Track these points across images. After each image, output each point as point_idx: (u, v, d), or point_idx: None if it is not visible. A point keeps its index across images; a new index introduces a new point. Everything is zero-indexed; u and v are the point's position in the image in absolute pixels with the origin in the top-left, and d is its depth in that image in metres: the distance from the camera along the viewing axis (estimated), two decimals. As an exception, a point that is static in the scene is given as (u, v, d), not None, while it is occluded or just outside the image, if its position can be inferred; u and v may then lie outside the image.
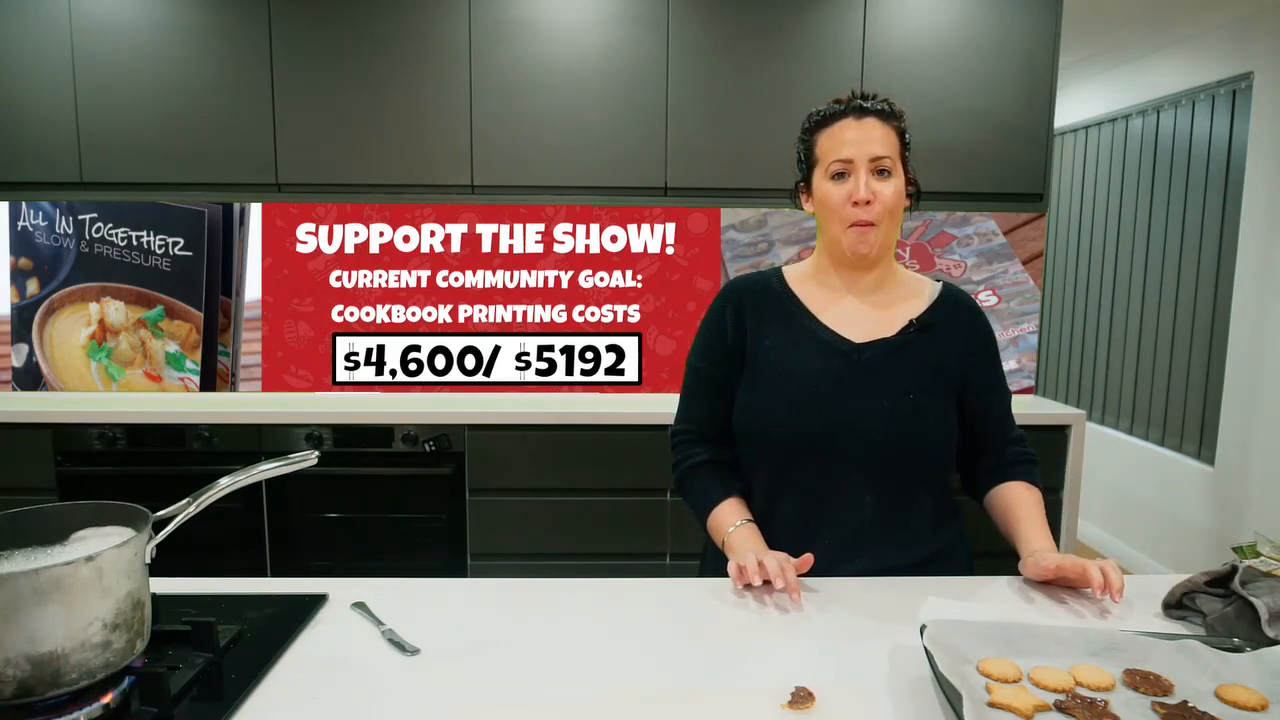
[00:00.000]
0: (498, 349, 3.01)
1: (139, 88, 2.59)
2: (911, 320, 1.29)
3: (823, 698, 0.85)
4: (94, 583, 0.78)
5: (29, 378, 2.95)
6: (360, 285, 2.95)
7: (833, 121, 1.27)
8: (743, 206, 2.92)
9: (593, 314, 3.00)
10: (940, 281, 1.36)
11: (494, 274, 2.98)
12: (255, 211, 2.91)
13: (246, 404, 2.73)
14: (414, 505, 2.59)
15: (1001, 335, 2.99)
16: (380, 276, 2.95)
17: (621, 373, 3.03)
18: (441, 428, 2.56)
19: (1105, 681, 0.85)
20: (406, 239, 2.95)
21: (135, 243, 2.90)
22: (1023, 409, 2.69)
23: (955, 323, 1.32)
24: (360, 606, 1.07)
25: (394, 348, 2.99)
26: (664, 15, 2.60)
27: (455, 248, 2.96)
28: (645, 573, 1.45)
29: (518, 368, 3.02)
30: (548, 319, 3.00)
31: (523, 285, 2.99)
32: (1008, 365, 3.00)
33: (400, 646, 0.97)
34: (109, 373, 2.96)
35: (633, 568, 2.56)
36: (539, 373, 3.02)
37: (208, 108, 2.60)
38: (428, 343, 2.99)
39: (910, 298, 1.33)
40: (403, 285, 2.96)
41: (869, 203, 1.22)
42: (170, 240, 2.91)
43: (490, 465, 2.57)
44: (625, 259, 2.98)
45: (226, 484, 0.99)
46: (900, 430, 1.24)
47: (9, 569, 0.85)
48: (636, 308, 3.00)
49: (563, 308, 3.00)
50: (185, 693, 0.86)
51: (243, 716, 0.83)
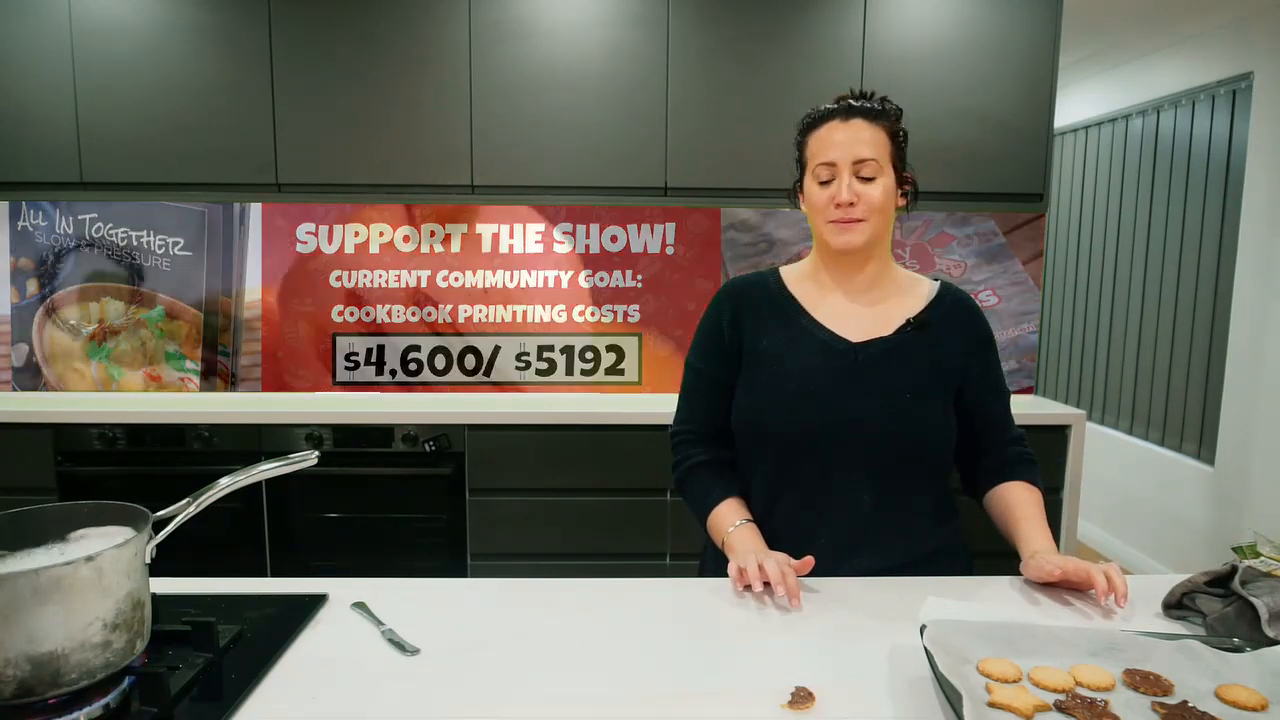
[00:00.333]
0: (498, 349, 3.01)
1: (139, 88, 2.59)
2: (909, 319, 1.29)
3: (823, 698, 0.85)
4: (94, 583, 0.78)
5: (29, 377, 2.95)
6: (360, 285, 2.95)
7: (821, 123, 1.27)
8: (743, 206, 2.92)
9: (592, 314, 3.00)
10: (938, 280, 1.36)
11: (494, 274, 2.98)
12: (255, 211, 2.91)
13: (246, 404, 2.73)
14: (414, 505, 2.59)
15: (1001, 335, 2.99)
16: (380, 276, 2.95)
17: (621, 373, 3.03)
18: (441, 428, 2.56)
19: (1105, 681, 0.85)
20: (407, 239, 2.95)
21: (135, 242, 2.90)
22: (1023, 409, 2.69)
23: (953, 321, 1.31)
24: (360, 606, 1.07)
25: (394, 348, 2.99)
26: (664, 15, 2.60)
27: (455, 248, 2.96)
28: (645, 573, 1.45)
29: (518, 367, 3.02)
30: (548, 319, 3.01)
31: (523, 285, 2.99)
32: (1007, 365, 3.00)
33: (400, 646, 0.97)
34: (109, 372, 2.96)
35: (633, 568, 2.56)
36: (539, 373, 3.02)
37: (208, 108, 2.60)
38: (428, 343, 2.99)
39: (907, 296, 1.33)
40: (403, 285, 2.96)
41: (852, 205, 1.23)
42: (170, 240, 2.91)
43: (490, 465, 2.57)
44: (625, 259, 2.98)
45: (226, 484, 0.99)
46: (898, 430, 1.24)
47: (9, 569, 0.85)
48: (636, 308, 3.00)
49: (563, 308, 3.00)
50: (185, 693, 0.86)
51: (243, 716, 0.83)
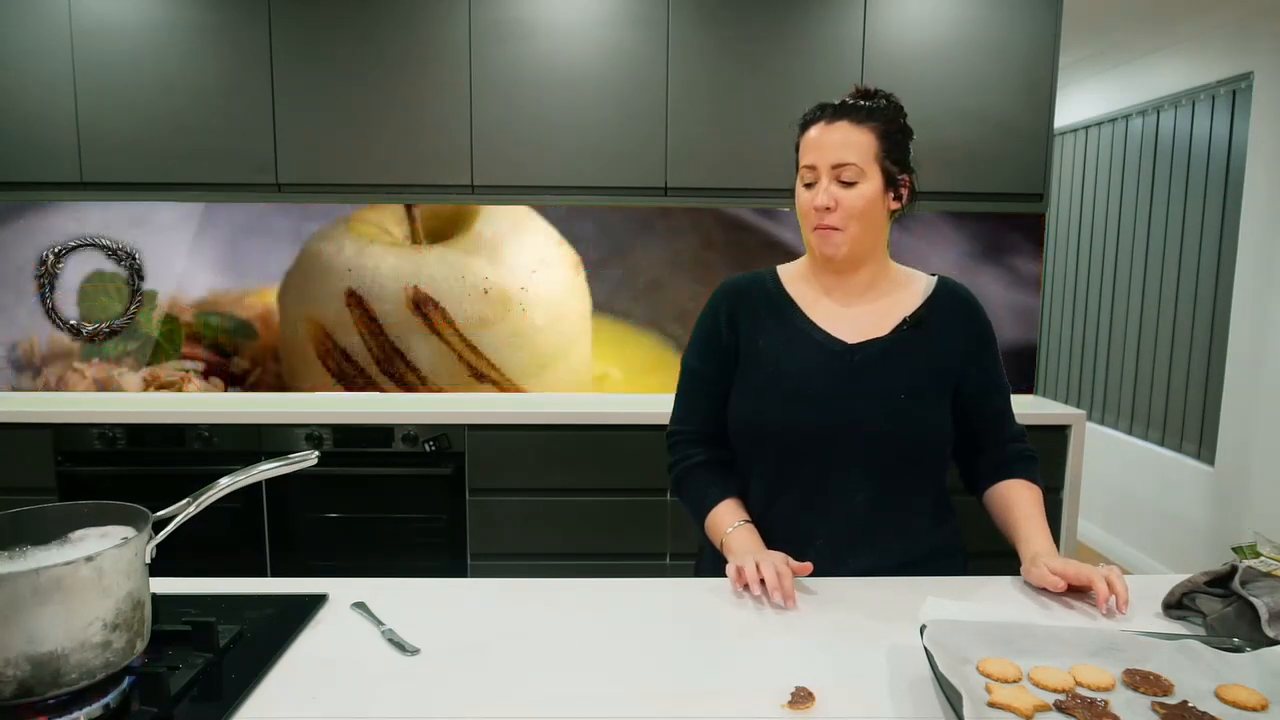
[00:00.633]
0: (497, 349, 3.00)
1: (139, 88, 2.59)
2: (905, 318, 1.29)
3: (823, 698, 0.85)
4: (94, 583, 0.78)
5: (28, 377, 2.94)
6: (360, 285, 2.95)
7: (810, 125, 1.26)
8: (743, 206, 2.92)
9: (592, 314, 3.00)
10: (935, 276, 1.35)
11: (494, 273, 2.97)
12: (255, 211, 2.91)
13: (246, 404, 2.73)
14: (414, 505, 2.59)
15: (1001, 335, 2.98)
16: (380, 276, 2.95)
17: (622, 373, 3.02)
18: (441, 428, 2.56)
19: (1105, 681, 0.85)
20: (407, 239, 2.94)
21: (135, 242, 2.90)
22: (1023, 409, 2.69)
23: (951, 317, 1.31)
24: (360, 606, 1.07)
25: (394, 348, 2.98)
26: (664, 15, 2.60)
27: (456, 248, 2.95)
28: (645, 573, 1.45)
29: (517, 368, 3.01)
30: (548, 319, 3.00)
31: (522, 285, 2.98)
32: (1008, 366, 3.00)
33: (400, 646, 0.97)
34: (109, 373, 2.96)
35: (633, 568, 2.56)
36: (539, 373, 3.02)
37: (208, 108, 2.60)
38: (428, 342, 2.98)
39: (905, 295, 1.32)
40: (403, 285, 2.95)
41: (829, 210, 1.22)
42: (170, 240, 2.90)
43: (490, 465, 2.57)
44: (625, 259, 2.97)
45: (226, 484, 0.99)
46: (894, 432, 1.23)
47: (9, 569, 0.85)
48: (636, 307, 3.00)
49: (563, 307, 2.99)
50: (185, 693, 0.86)
51: (243, 716, 0.83)
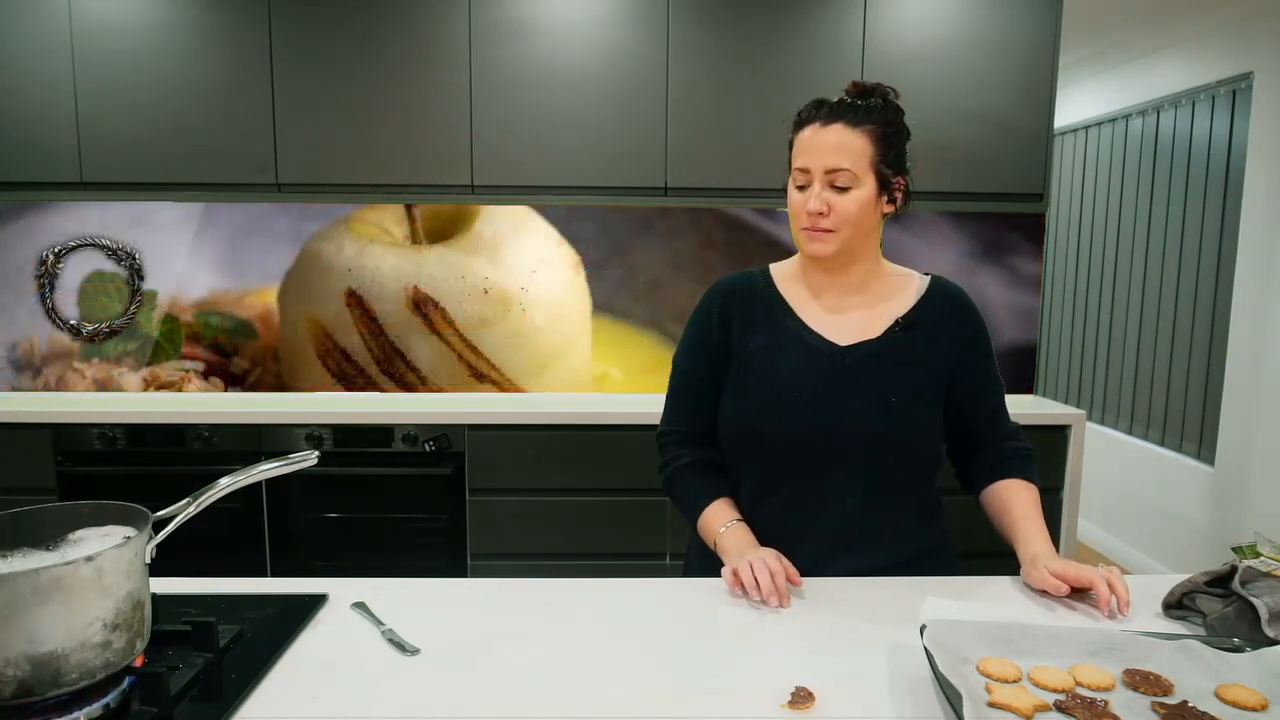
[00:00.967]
0: (497, 349, 3.00)
1: (139, 88, 2.59)
2: (896, 320, 1.28)
3: (823, 698, 0.85)
4: (94, 583, 0.78)
5: (28, 377, 2.94)
6: (360, 285, 2.95)
7: (804, 125, 1.24)
8: (743, 206, 2.91)
9: (592, 313, 2.99)
10: (928, 275, 1.34)
11: (494, 273, 2.97)
12: (255, 211, 2.90)
13: (246, 404, 2.73)
14: (414, 505, 2.59)
15: (1001, 335, 2.99)
16: (380, 276, 2.95)
17: (622, 373, 3.02)
18: (441, 428, 2.56)
19: (1105, 681, 0.85)
20: (407, 238, 2.94)
21: (136, 242, 2.90)
22: (1023, 409, 2.69)
23: (943, 317, 1.29)
24: (360, 606, 1.07)
25: (394, 348, 2.98)
26: (664, 15, 2.60)
27: (455, 248, 2.95)
28: (645, 573, 1.45)
29: (517, 368, 3.01)
30: (548, 319, 3.00)
31: (522, 285, 2.98)
32: (1007, 366, 3.00)
33: (400, 646, 0.97)
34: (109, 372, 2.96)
35: (633, 568, 2.56)
36: (539, 373, 3.02)
37: (208, 108, 2.60)
38: (428, 342, 2.98)
39: (896, 295, 1.30)
40: (403, 285, 2.95)
41: (822, 215, 1.21)
42: (170, 240, 2.90)
43: (490, 465, 2.57)
44: (625, 259, 2.97)
45: (226, 484, 0.99)
46: (884, 435, 1.23)
47: (9, 569, 0.85)
48: (636, 307, 2.99)
49: (563, 307, 2.99)
50: (185, 693, 0.86)
51: (243, 716, 0.83)
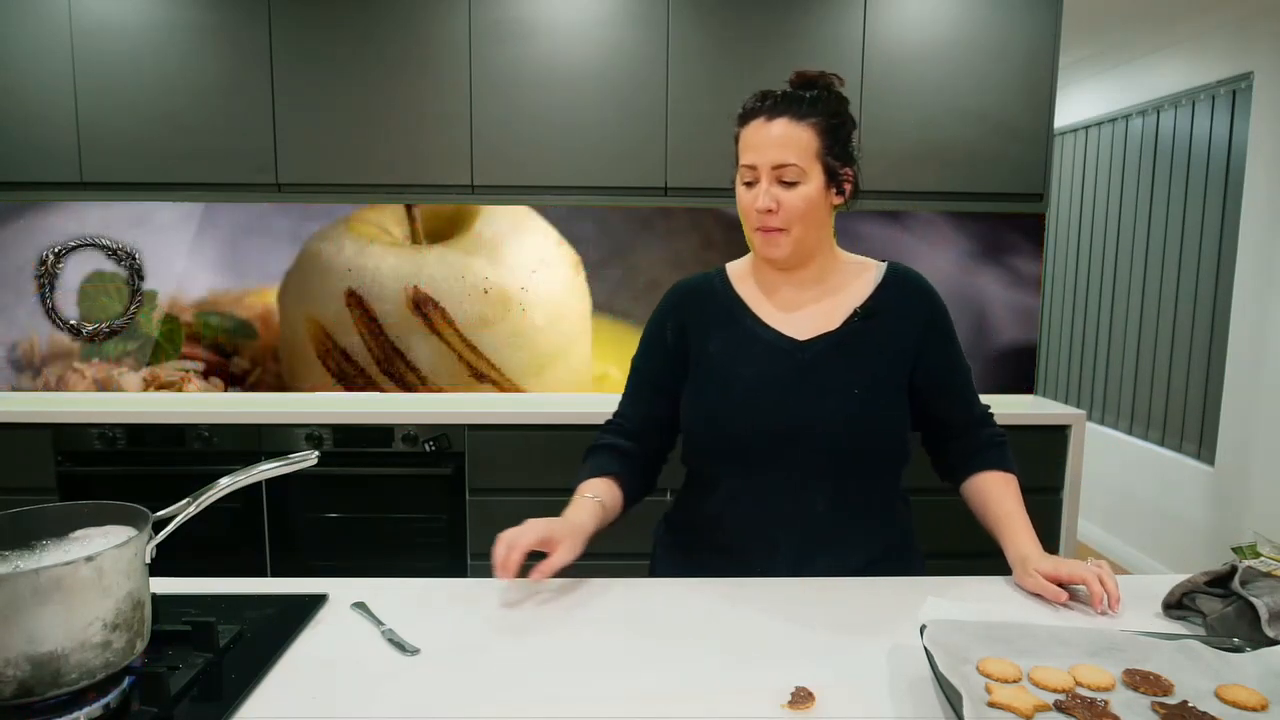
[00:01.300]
0: (497, 349, 3.00)
1: (139, 88, 2.59)
2: (855, 309, 1.25)
3: (823, 698, 0.85)
4: (94, 583, 0.78)
5: (28, 377, 2.94)
6: (360, 285, 2.95)
7: (748, 120, 1.21)
8: (743, 206, 2.91)
9: (592, 314, 2.99)
10: (885, 263, 1.31)
11: (494, 273, 2.97)
12: (255, 211, 2.90)
13: (246, 404, 2.73)
14: (414, 505, 2.59)
15: (1001, 335, 2.99)
16: (380, 276, 2.94)
17: (621, 373, 3.02)
18: (441, 428, 2.56)
19: (1105, 681, 0.85)
20: (407, 239, 2.94)
21: (135, 242, 2.90)
22: (1023, 409, 2.70)
23: (902, 304, 1.27)
24: (360, 606, 1.07)
25: (394, 348, 2.98)
26: (664, 15, 2.60)
27: (455, 248, 2.95)
28: (644, 573, 1.45)
29: (518, 368, 3.01)
30: (548, 319, 3.00)
31: (522, 285, 2.98)
32: (1007, 366, 3.00)
33: (400, 646, 0.97)
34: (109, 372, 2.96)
35: (633, 567, 2.55)
36: (539, 372, 3.02)
37: (208, 108, 2.60)
38: (428, 342, 2.98)
39: (853, 285, 1.28)
40: (403, 285, 2.95)
41: (771, 212, 1.19)
42: (170, 240, 2.90)
43: (490, 465, 2.57)
44: (625, 259, 2.97)
45: (226, 484, 0.99)
46: (849, 430, 1.21)
47: (9, 569, 0.85)
48: (636, 307, 2.99)
49: (563, 307, 2.99)
50: (185, 693, 0.86)
51: (243, 716, 0.83)
